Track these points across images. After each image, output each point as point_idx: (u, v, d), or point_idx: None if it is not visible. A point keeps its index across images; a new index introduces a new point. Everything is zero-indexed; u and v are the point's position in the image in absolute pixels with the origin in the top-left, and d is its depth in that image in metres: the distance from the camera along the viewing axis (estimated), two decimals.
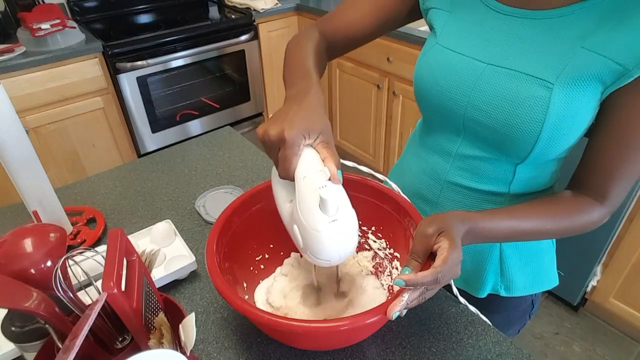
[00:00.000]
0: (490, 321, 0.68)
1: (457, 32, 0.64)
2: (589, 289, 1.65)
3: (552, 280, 0.78)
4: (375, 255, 0.74)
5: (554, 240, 0.77)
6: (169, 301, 0.61)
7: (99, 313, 0.47)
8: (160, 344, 0.50)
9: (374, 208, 0.69)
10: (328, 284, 0.70)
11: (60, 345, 0.48)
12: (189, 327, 0.48)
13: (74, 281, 0.56)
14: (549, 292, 1.83)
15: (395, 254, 0.69)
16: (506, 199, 0.68)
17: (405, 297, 0.49)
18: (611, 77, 0.52)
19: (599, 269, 1.59)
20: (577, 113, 0.55)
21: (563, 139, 0.58)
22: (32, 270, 0.46)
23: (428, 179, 0.73)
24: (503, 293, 0.75)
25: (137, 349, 0.50)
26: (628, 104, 0.54)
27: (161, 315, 0.53)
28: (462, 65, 0.62)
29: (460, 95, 0.62)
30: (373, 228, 0.73)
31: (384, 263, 0.72)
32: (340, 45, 0.76)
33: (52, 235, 0.49)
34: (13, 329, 0.52)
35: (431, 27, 0.70)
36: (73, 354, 0.39)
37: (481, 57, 0.61)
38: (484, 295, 0.76)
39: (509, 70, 0.58)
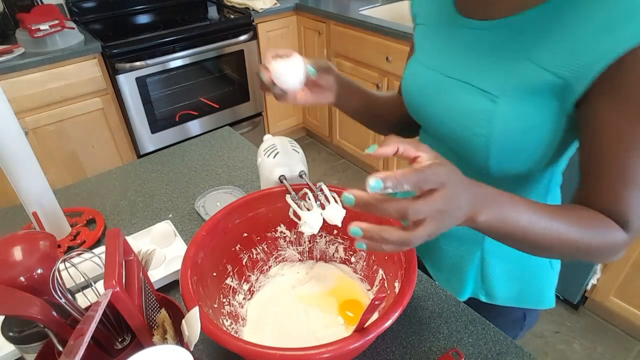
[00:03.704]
0: None
1: (429, 46, 0.66)
2: (589, 287, 1.65)
3: (545, 301, 0.75)
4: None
5: (554, 263, 0.75)
6: (169, 301, 0.62)
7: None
8: (164, 340, 0.50)
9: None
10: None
11: (61, 349, 0.48)
12: (193, 322, 0.48)
13: (71, 284, 0.56)
14: None
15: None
16: None
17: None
18: (558, 91, 0.50)
19: (599, 267, 1.59)
20: (529, 127, 0.53)
21: (519, 153, 0.56)
22: (22, 279, 0.46)
23: None
24: (483, 298, 0.75)
25: (138, 347, 0.50)
26: (599, 114, 0.49)
27: (163, 311, 0.53)
28: (428, 78, 0.64)
29: (429, 107, 0.64)
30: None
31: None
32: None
33: (41, 243, 0.49)
34: (11, 334, 0.52)
35: (415, 44, 0.72)
36: (80, 354, 0.38)
37: (443, 70, 0.62)
38: (464, 298, 0.76)
39: (461, 82, 0.58)
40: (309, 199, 0.66)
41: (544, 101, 0.52)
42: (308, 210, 0.64)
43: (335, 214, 0.63)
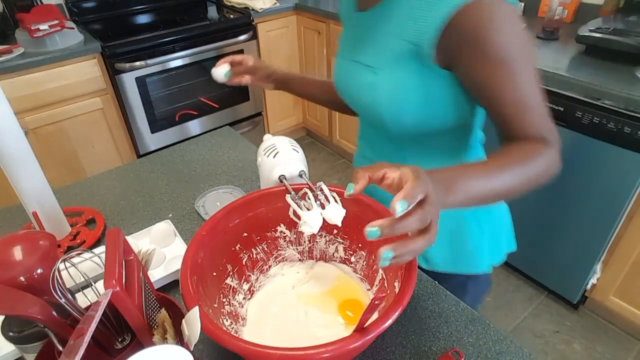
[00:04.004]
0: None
1: (342, 41, 0.79)
2: (589, 286, 1.65)
3: (480, 266, 0.82)
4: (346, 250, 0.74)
5: (484, 223, 0.79)
6: (168, 301, 0.62)
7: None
8: (164, 340, 0.50)
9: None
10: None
11: (61, 348, 0.48)
12: (193, 321, 0.48)
13: (71, 283, 0.55)
14: (548, 290, 1.83)
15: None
16: None
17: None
18: (416, 55, 0.62)
19: (599, 266, 1.59)
20: (407, 89, 0.64)
21: (403, 112, 0.66)
22: (22, 278, 0.46)
23: (358, 156, 0.89)
24: (423, 265, 0.81)
25: (138, 347, 0.50)
26: (461, 62, 0.60)
27: (163, 311, 0.53)
28: (342, 65, 0.76)
29: (345, 89, 0.77)
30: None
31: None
32: None
33: (41, 243, 0.49)
34: (11, 334, 0.52)
35: None
36: (80, 354, 0.38)
37: (349, 56, 0.74)
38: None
39: (356, 62, 0.71)
40: (309, 198, 0.66)
41: (411, 66, 0.63)
42: (308, 210, 0.64)
43: (335, 213, 0.63)
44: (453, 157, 0.75)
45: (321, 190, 0.66)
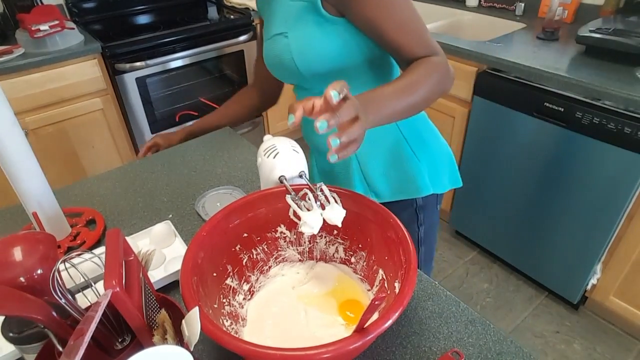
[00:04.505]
0: None
1: (265, 25, 0.89)
2: (589, 287, 1.65)
3: (421, 189, 0.91)
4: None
5: (418, 151, 0.90)
6: (168, 302, 0.62)
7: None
8: (164, 340, 0.50)
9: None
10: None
11: (61, 349, 0.48)
12: (193, 322, 0.48)
13: (71, 284, 0.56)
14: (549, 290, 1.83)
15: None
16: None
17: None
18: (310, 10, 0.74)
19: (599, 267, 1.59)
20: (313, 39, 0.77)
21: (317, 61, 0.78)
22: (22, 279, 0.46)
23: (303, 124, 0.95)
24: (375, 199, 0.85)
25: (138, 348, 0.50)
26: (351, 5, 0.72)
27: (163, 312, 0.53)
28: (266, 47, 0.86)
29: (272, 67, 0.88)
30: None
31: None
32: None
33: (41, 243, 0.49)
34: (11, 334, 0.52)
35: None
36: (80, 354, 0.38)
37: (267, 35, 0.85)
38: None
39: (273, 36, 0.82)
40: (309, 199, 0.66)
41: (310, 20, 0.75)
42: (308, 210, 0.64)
43: (335, 214, 0.63)
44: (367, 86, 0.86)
45: (321, 190, 0.66)
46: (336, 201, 0.65)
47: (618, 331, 1.68)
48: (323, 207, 0.65)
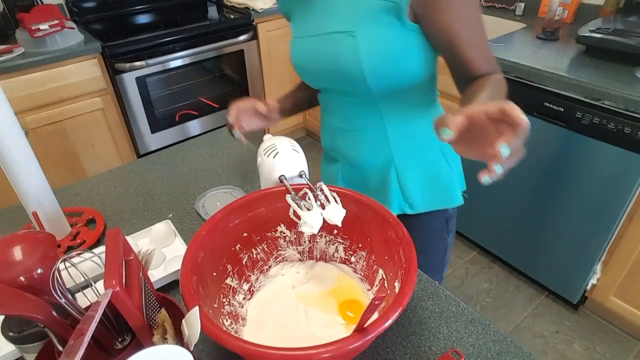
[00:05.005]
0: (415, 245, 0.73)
1: (298, 23, 0.83)
2: (589, 287, 1.65)
3: (454, 199, 0.90)
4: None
5: (451, 162, 0.89)
6: (168, 301, 0.62)
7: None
8: (164, 340, 0.50)
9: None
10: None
11: (61, 348, 0.48)
12: (193, 321, 0.48)
13: (71, 283, 0.55)
14: (548, 290, 1.83)
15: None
16: (385, 133, 0.82)
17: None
18: (392, 12, 0.68)
19: (598, 267, 1.59)
20: (386, 47, 0.70)
21: (388, 71, 0.72)
22: (22, 278, 0.46)
23: (328, 132, 0.93)
24: (409, 211, 0.88)
25: (138, 347, 0.50)
26: (427, 13, 0.67)
27: (163, 311, 0.53)
28: (303, 44, 0.81)
29: (311, 66, 0.80)
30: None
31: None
32: None
33: (41, 242, 0.49)
34: (11, 334, 0.52)
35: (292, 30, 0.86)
36: (80, 354, 0.38)
37: (310, 32, 0.78)
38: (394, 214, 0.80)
39: (326, 34, 0.74)
40: (309, 198, 0.66)
41: (387, 23, 0.69)
42: (308, 210, 0.64)
43: (335, 213, 0.63)
44: (422, 112, 0.83)
45: (321, 190, 0.66)
46: (336, 201, 0.65)
47: (618, 331, 1.68)
48: (323, 207, 0.65)
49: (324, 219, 0.64)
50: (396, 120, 0.81)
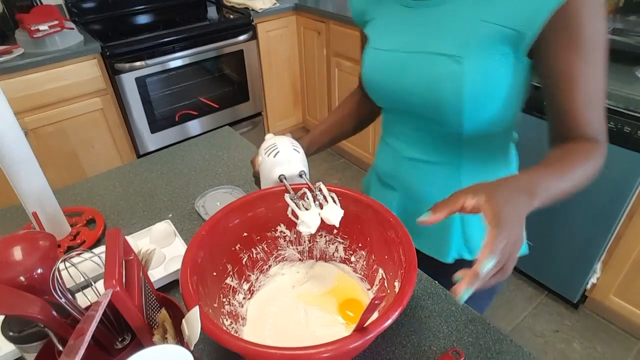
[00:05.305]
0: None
1: (383, 33, 0.73)
2: (588, 286, 1.65)
3: (522, 248, 0.81)
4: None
5: None
6: (168, 301, 0.62)
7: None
8: (164, 340, 0.50)
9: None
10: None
11: (61, 348, 0.48)
12: (193, 321, 0.48)
13: (71, 283, 0.55)
14: (548, 289, 1.83)
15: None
16: (459, 169, 0.74)
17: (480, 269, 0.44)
18: (512, 42, 0.59)
19: (598, 266, 1.59)
20: (493, 79, 0.62)
21: (487, 105, 0.64)
22: (22, 278, 0.46)
23: (390, 158, 0.83)
24: (468, 257, 0.79)
25: (138, 347, 0.50)
26: (551, 55, 0.59)
27: (163, 311, 0.53)
28: (390, 59, 0.70)
29: (394, 84, 0.71)
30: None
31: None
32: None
33: (41, 243, 0.49)
34: (11, 334, 0.52)
35: (368, 37, 0.77)
36: (80, 354, 0.38)
37: (403, 48, 0.68)
38: (450, 260, 0.78)
39: (425, 53, 0.65)
40: (308, 198, 0.66)
41: (502, 53, 0.60)
42: (306, 209, 0.64)
43: (333, 213, 0.63)
44: (500, 152, 0.75)
45: (320, 190, 0.66)
46: (335, 201, 0.65)
47: (618, 330, 1.68)
48: (321, 207, 0.65)
49: (322, 219, 0.64)
50: (473, 157, 0.73)
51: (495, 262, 0.44)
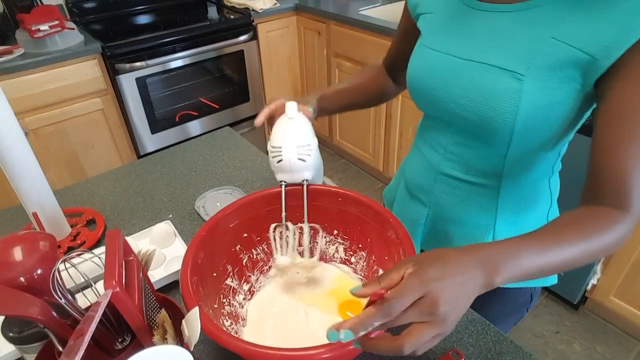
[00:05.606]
0: (487, 312, 0.68)
1: (438, 32, 0.67)
2: (589, 287, 1.65)
3: (550, 277, 0.76)
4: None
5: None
6: (168, 301, 0.62)
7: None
8: (164, 340, 0.50)
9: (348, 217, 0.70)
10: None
11: (61, 349, 0.48)
12: (193, 322, 0.48)
13: (71, 284, 0.55)
14: (549, 290, 1.83)
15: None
16: (497, 192, 0.69)
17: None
18: (583, 67, 0.53)
19: (599, 267, 1.59)
20: (553, 103, 0.56)
21: (540, 129, 0.58)
22: (22, 279, 0.46)
23: (424, 171, 0.76)
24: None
25: (138, 348, 0.50)
26: (616, 91, 0.51)
27: (163, 312, 0.53)
28: (442, 62, 0.64)
29: (442, 90, 0.65)
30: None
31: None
32: (395, 69, 0.88)
33: (41, 243, 0.49)
34: (11, 334, 0.52)
35: (420, 32, 0.72)
36: (80, 354, 0.38)
37: (459, 53, 0.63)
38: None
39: (482, 64, 0.59)
40: (289, 235, 0.69)
41: (568, 77, 0.54)
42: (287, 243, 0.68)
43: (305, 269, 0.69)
44: (540, 182, 0.71)
45: (300, 232, 0.69)
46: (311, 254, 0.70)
47: (618, 331, 1.68)
48: (300, 243, 0.68)
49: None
50: (513, 183, 0.68)
51: (379, 324, 0.40)
